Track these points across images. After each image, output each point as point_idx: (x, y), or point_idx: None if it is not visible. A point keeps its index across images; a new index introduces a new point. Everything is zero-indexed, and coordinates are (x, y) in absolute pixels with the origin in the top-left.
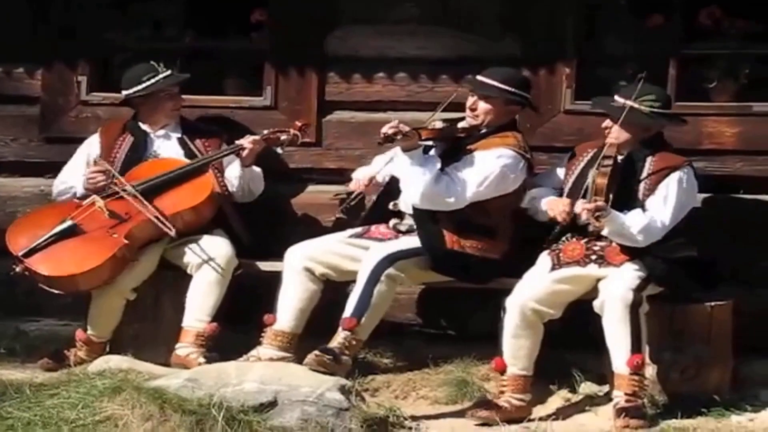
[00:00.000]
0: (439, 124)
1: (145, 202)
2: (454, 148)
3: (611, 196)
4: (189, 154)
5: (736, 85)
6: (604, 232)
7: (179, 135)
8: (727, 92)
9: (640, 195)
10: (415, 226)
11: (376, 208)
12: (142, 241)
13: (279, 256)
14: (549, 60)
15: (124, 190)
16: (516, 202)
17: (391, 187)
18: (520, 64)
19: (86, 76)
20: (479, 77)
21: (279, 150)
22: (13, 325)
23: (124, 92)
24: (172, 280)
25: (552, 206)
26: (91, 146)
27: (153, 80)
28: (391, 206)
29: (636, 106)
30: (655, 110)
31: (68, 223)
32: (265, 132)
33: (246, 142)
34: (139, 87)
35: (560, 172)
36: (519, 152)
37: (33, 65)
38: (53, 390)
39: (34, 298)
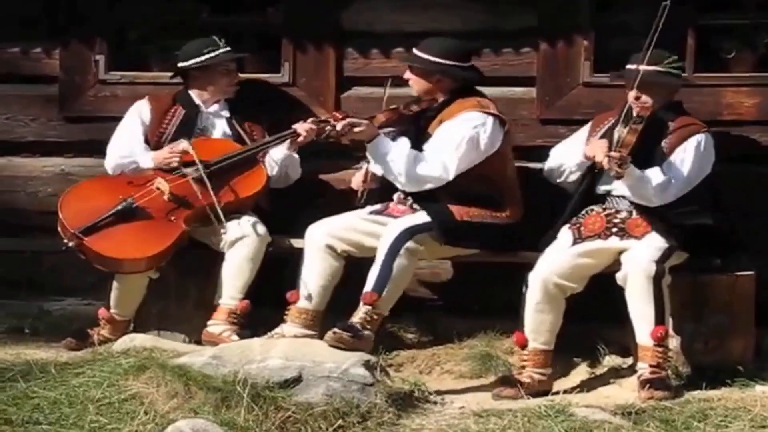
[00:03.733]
0: (392, 107)
1: (211, 190)
2: (418, 127)
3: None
4: (236, 135)
5: (754, 55)
6: (622, 183)
7: (228, 115)
8: (746, 63)
9: (659, 156)
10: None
11: (386, 191)
12: (195, 225)
13: (302, 233)
14: (566, 32)
15: (193, 174)
16: (509, 163)
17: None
18: (537, 37)
19: (104, 55)
20: (414, 50)
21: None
22: (37, 304)
23: (182, 63)
24: (197, 259)
25: (592, 146)
26: (142, 114)
27: (214, 53)
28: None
29: (664, 70)
30: (680, 71)
31: (129, 202)
32: (312, 120)
33: (302, 128)
34: (200, 59)
35: (578, 141)
36: (483, 111)
37: (50, 44)
38: (78, 369)
39: (58, 277)
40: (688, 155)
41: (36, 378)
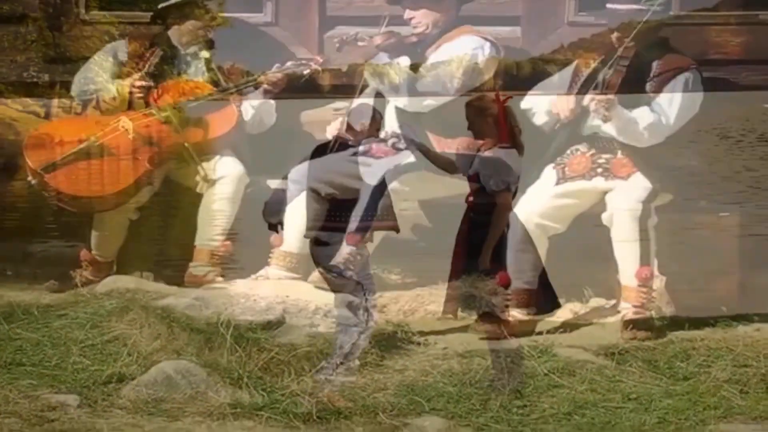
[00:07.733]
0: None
1: (179, 128)
2: (414, 53)
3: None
4: (213, 77)
5: None
6: (610, 127)
7: (207, 56)
8: (734, 1)
9: (646, 97)
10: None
11: None
12: (162, 165)
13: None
14: None
15: (158, 112)
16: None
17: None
18: None
19: None
20: None
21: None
22: (20, 247)
23: (162, 5)
24: (180, 200)
25: (558, 102)
26: (118, 51)
27: None
28: (382, 135)
29: (645, 8)
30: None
31: (92, 141)
32: (289, 64)
33: (267, 79)
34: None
35: (558, 82)
36: (479, 36)
37: None
38: (61, 311)
39: (41, 219)
40: (677, 94)
41: (19, 320)
